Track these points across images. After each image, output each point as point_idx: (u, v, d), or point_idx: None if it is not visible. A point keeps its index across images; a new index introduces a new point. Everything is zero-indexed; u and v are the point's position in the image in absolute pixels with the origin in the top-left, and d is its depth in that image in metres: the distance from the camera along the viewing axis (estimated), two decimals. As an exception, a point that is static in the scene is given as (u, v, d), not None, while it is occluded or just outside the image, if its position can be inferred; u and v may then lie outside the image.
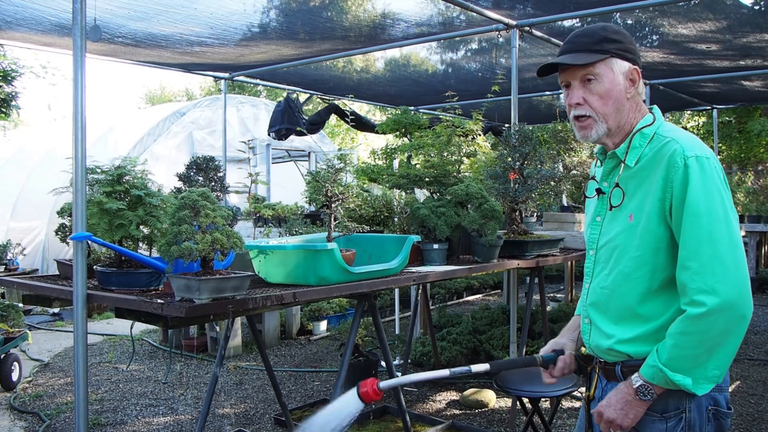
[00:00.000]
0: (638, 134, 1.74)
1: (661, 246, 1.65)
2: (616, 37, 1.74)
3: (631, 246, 1.69)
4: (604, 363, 1.80)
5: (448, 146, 4.78)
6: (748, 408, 4.87)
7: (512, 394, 3.56)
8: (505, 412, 4.82)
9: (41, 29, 4.71)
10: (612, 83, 1.73)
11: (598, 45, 1.73)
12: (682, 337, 1.57)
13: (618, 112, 1.75)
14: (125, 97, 52.32)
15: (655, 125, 1.74)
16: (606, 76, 1.72)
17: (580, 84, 1.76)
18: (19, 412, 4.99)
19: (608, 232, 1.78)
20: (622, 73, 1.73)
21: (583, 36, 1.77)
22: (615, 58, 1.73)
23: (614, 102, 1.74)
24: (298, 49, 5.69)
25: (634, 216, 1.70)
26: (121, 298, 2.71)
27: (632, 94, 1.75)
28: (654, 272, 1.67)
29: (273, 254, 3.00)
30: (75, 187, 2.69)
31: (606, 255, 1.78)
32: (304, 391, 5.51)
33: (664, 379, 1.59)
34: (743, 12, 4.95)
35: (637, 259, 1.68)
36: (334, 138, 19.21)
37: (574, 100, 1.77)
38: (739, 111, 13.39)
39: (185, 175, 3.89)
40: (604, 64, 1.72)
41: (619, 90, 1.73)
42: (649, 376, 1.61)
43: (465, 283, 9.80)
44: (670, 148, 1.65)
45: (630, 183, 1.74)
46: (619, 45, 1.73)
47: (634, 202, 1.71)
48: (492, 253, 3.90)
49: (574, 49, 1.76)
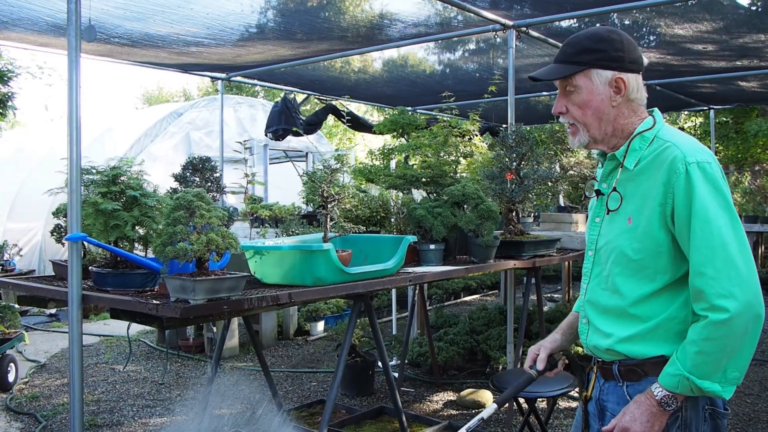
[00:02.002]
0: (638, 137, 1.74)
1: (662, 250, 1.66)
2: (599, 47, 1.72)
3: (630, 248, 1.70)
4: (602, 362, 1.80)
5: (445, 147, 4.77)
6: (744, 408, 4.88)
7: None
8: (502, 412, 4.81)
9: (37, 29, 4.70)
10: (591, 94, 1.73)
11: (577, 56, 1.74)
12: (706, 343, 1.56)
13: (601, 121, 1.76)
14: (122, 97, 52.31)
15: (655, 128, 1.74)
16: (585, 87, 1.74)
17: (562, 94, 1.79)
18: (16, 413, 4.98)
19: (607, 234, 1.79)
20: (603, 83, 1.73)
21: (568, 45, 1.79)
22: (594, 69, 1.72)
23: (594, 112, 1.75)
24: (295, 49, 5.69)
25: (633, 219, 1.70)
26: (116, 298, 2.70)
27: (618, 102, 1.74)
28: (654, 275, 1.68)
29: (269, 255, 3.00)
30: (70, 188, 2.68)
31: (605, 256, 1.78)
32: (301, 391, 5.50)
33: (690, 387, 1.59)
34: (740, 12, 4.95)
35: (638, 262, 1.69)
36: (332, 138, 19.20)
37: (556, 110, 1.82)
38: (735, 111, 13.41)
39: (181, 175, 3.88)
40: (583, 75, 1.73)
41: (600, 100, 1.73)
42: (672, 386, 1.61)
43: (462, 283, 9.80)
44: (671, 154, 1.65)
45: (628, 185, 1.74)
46: (600, 55, 1.72)
47: (632, 205, 1.72)
48: (489, 253, 3.90)
49: (559, 59, 1.78)
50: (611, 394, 1.78)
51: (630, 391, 1.73)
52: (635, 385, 1.72)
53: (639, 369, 1.71)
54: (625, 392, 1.74)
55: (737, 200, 10.92)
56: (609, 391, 1.79)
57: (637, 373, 1.71)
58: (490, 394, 5.05)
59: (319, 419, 4.18)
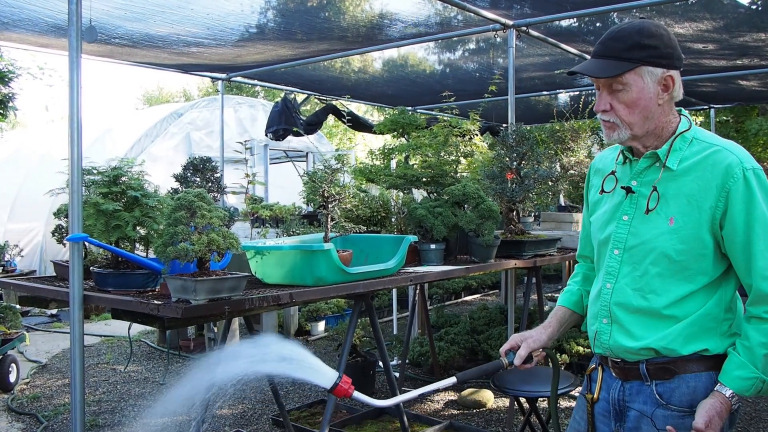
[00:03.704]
0: (680, 137, 1.72)
1: (706, 252, 1.67)
2: (651, 42, 1.66)
3: (672, 249, 1.68)
4: (622, 362, 1.77)
5: (445, 146, 4.77)
6: (746, 407, 4.88)
7: (510, 394, 3.57)
8: (503, 411, 4.82)
9: (37, 30, 4.70)
10: (641, 92, 1.67)
11: (628, 52, 1.66)
12: None
13: (646, 120, 1.70)
14: (123, 98, 52.33)
15: (692, 130, 1.74)
16: (635, 85, 1.67)
17: (607, 91, 1.71)
18: (17, 413, 4.99)
19: (641, 234, 1.74)
20: (654, 81, 1.67)
21: (615, 40, 1.69)
22: (646, 66, 1.66)
23: (642, 110, 1.69)
24: (295, 49, 5.69)
25: (675, 219, 1.68)
26: (117, 299, 2.70)
27: (665, 100, 1.70)
28: (694, 276, 1.68)
29: (270, 255, 3.00)
30: (71, 189, 2.69)
31: (639, 256, 1.74)
32: (301, 392, 5.51)
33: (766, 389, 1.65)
34: (740, 11, 4.95)
35: (680, 263, 1.68)
36: (332, 138, 19.21)
37: (601, 107, 1.73)
38: (736, 110, 13.38)
39: (182, 176, 3.88)
40: (634, 73, 1.66)
41: (649, 98, 1.68)
42: (744, 389, 1.64)
43: (463, 283, 9.80)
44: (725, 158, 1.65)
45: (670, 186, 1.71)
46: (652, 51, 1.65)
47: (674, 206, 1.69)
48: (489, 253, 3.90)
49: (604, 54, 1.70)
50: (637, 394, 1.75)
51: (659, 390, 1.71)
52: (665, 383, 1.71)
53: (671, 366, 1.70)
54: (654, 391, 1.72)
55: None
56: (633, 391, 1.76)
57: (669, 371, 1.70)
58: (491, 393, 5.05)
59: (320, 419, 4.18)
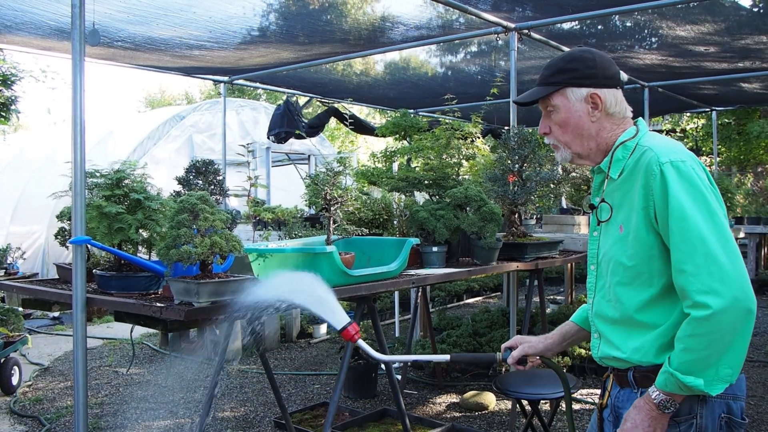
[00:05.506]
0: (620, 147, 1.77)
1: (653, 253, 1.67)
2: (572, 66, 1.79)
3: (624, 256, 1.72)
4: (616, 370, 1.82)
5: (447, 149, 4.78)
6: (748, 410, 4.87)
7: (512, 397, 3.56)
8: (505, 414, 4.81)
9: (40, 33, 4.72)
10: (568, 111, 1.80)
11: (552, 77, 1.81)
12: (690, 340, 1.56)
13: (581, 138, 1.81)
14: (125, 100, 52.44)
15: (637, 137, 1.77)
16: (563, 105, 1.80)
17: (545, 115, 1.86)
18: (19, 416, 4.99)
19: (603, 246, 1.82)
20: (579, 100, 1.78)
21: (546, 68, 1.86)
22: (569, 87, 1.78)
23: (573, 128, 1.81)
24: (297, 52, 5.70)
25: (623, 227, 1.73)
26: (120, 301, 2.71)
27: (598, 117, 1.79)
28: (651, 279, 1.69)
29: (272, 257, 3.00)
30: (74, 191, 2.69)
31: (603, 268, 1.81)
32: (304, 394, 5.51)
33: (677, 384, 1.58)
34: (742, 14, 4.96)
35: (633, 268, 1.70)
36: (334, 141, 19.22)
37: (541, 131, 1.89)
38: (738, 113, 13.39)
39: (184, 178, 3.89)
40: (560, 95, 1.80)
41: (578, 116, 1.79)
42: (662, 384, 1.62)
43: (465, 285, 9.80)
44: (647, 157, 1.68)
45: (616, 195, 1.77)
46: (573, 74, 1.78)
47: (622, 214, 1.75)
48: (491, 255, 3.90)
49: (538, 83, 1.86)
50: (627, 400, 1.78)
51: None
52: None
53: (652, 375, 1.70)
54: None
55: (740, 202, 10.88)
56: (625, 397, 1.79)
57: (651, 378, 1.71)
58: (493, 396, 5.05)
59: (323, 422, 4.19)
